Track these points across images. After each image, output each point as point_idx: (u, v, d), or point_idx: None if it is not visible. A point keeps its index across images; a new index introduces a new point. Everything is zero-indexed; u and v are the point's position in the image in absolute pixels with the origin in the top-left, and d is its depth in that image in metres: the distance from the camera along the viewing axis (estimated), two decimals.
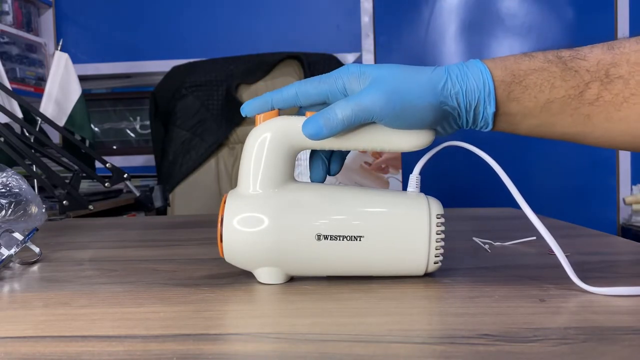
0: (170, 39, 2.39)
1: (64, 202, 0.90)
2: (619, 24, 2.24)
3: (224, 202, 0.45)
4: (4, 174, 0.66)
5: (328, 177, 0.50)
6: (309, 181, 0.49)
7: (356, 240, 0.44)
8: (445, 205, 0.47)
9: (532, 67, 0.44)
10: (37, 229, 0.61)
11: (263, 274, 0.46)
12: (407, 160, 0.81)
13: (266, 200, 0.45)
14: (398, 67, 0.44)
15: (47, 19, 2.36)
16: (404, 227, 0.45)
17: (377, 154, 0.92)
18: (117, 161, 2.03)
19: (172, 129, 1.81)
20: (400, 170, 0.91)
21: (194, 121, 1.78)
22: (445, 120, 0.45)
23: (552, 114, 0.44)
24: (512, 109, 0.44)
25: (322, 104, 0.46)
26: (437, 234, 0.45)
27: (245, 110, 0.46)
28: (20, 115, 1.23)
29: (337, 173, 0.49)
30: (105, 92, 2.48)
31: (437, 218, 0.45)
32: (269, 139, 0.45)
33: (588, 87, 0.43)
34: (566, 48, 0.45)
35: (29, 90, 2.02)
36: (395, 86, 0.43)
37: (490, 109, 0.44)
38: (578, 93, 0.43)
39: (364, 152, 0.92)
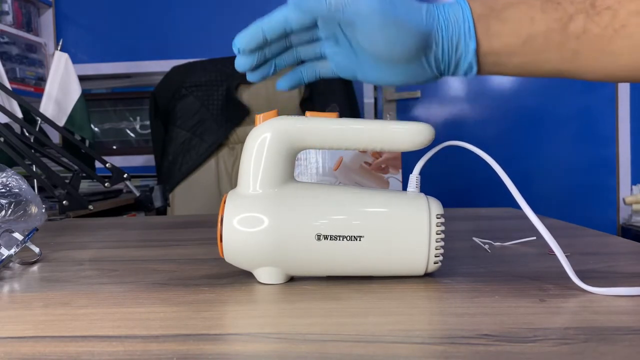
0: (170, 39, 2.39)
1: (64, 202, 0.90)
2: None
3: (224, 202, 0.45)
4: (4, 174, 0.66)
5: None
6: (309, 181, 0.49)
7: (356, 240, 0.44)
8: (445, 205, 0.47)
9: (510, 1, 0.42)
10: (37, 229, 0.61)
11: (263, 274, 0.46)
12: (407, 160, 0.81)
13: (266, 200, 0.45)
14: None
15: (47, 19, 2.37)
16: (404, 227, 0.45)
17: (377, 154, 0.91)
18: (117, 161, 2.03)
19: (172, 129, 1.81)
20: (400, 170, 0.91)
21: (194, 121, 1.78)
22: (428, 51, 0.43)
23: (536, 51, 0.42)
24: (494, 45, 0.43)
25: (313, 28, 0.45)
26: (437, 234, 0.45)
27: (237, 43, 0.44)
28: (20, 115, 1.23)
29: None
30: (105, 92, 2.48)
31: (437, 218, 0.45)
32: (269, 139, 0.45)
33: (572, 19, 0.41)
34: None
35: (29, 90, 2.03)
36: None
37: (472, 44, 0.42)
38: (561, 26, 0.41)
39: (364, 152, 0.92)
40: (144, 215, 1.84)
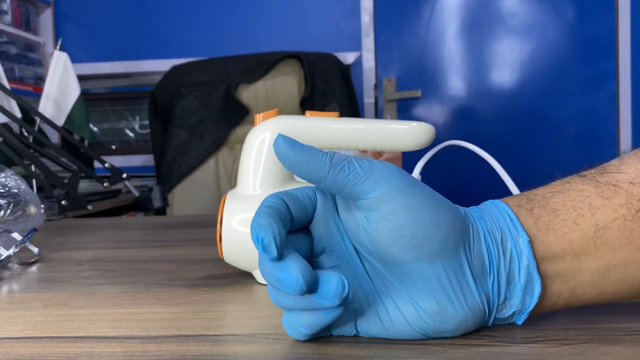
0: (169, 38, 2.39)
1: (63, 202, 0.90)
2: (620, 24, 2.24)
3: (224, 202, 0.45)
4: (3, 174, 0.66)
5: None
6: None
7: None
8: None
9: (551, 191, 0.33)
10: (36, 229, 0.61)
11: None
12: (407, 160, 0.80)
13: None
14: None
15: (46, 18, 2.37)
16: None
17: (377, 154, 0.91)
18: (116, 161, 2.03)
19: (172, 128, 1.80)
20: None
21: (193, 121, 1.78)
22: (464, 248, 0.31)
23: (614, 250, 0.31)
24: (551, 242, 0.31)
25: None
26: None
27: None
28: (19, 115, 1.23)
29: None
30: (104, 92, 2.48)
31: None
32: (268, 138, 0.45)
33: None
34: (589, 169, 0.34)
35: (28, 89, 2.02)
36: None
37: (523, 240, 0.31)
38: (635, 212, 0.30)
39: (364, 152, 0.92)
40: (143, 215, 1.84)
